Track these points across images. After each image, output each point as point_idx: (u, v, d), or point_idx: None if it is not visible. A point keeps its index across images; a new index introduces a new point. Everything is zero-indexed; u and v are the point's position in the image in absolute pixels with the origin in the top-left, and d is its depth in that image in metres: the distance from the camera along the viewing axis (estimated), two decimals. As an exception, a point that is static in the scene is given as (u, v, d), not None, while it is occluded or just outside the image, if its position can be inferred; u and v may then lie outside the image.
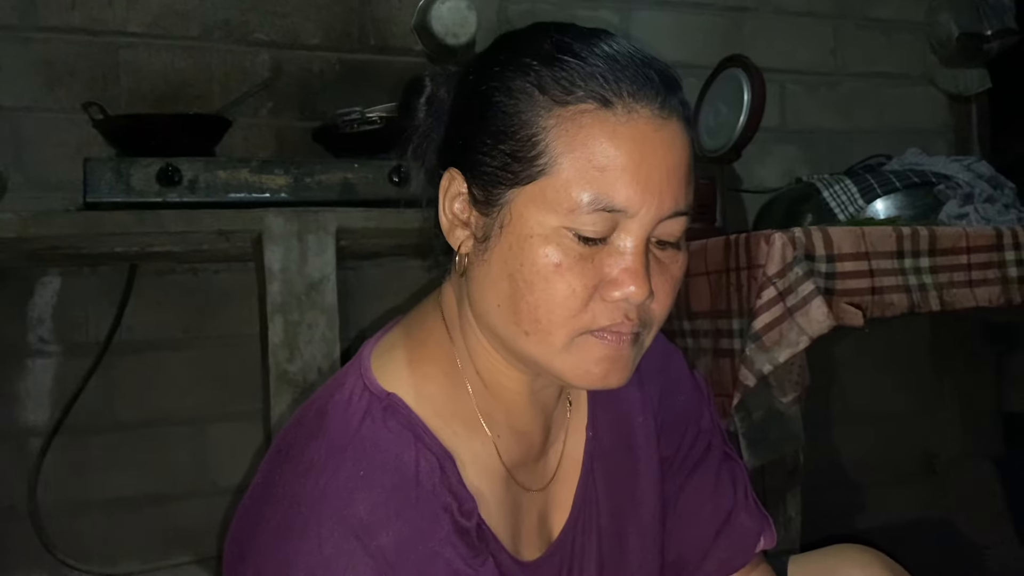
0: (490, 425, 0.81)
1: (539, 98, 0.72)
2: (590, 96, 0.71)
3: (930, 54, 2.41)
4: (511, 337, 0.75)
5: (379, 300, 1.84)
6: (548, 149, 0.71)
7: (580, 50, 0.73)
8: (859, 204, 1.67)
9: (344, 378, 0.80)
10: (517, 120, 0.72)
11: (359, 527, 0.70)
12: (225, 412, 1.78)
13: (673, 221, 0.73)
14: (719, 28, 2.21)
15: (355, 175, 1.49)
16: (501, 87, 0.74)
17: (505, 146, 0.73)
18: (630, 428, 0.91)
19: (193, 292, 1.78)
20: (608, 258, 0.72)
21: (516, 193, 0.73)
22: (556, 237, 0.71)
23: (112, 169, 1.38)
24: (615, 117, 0.71)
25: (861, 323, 1.27)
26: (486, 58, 0.79)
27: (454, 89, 0.81)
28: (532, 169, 0.72)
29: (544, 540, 0.86)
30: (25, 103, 1.67)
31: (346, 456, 0.74)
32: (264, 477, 0.78)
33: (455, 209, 0.78)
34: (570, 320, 0.72)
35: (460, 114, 0.79)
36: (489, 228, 0.75)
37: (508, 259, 0.73)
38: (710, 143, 1.81)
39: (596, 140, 0.70)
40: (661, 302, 0.75)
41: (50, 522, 1.68)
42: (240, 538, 0.76)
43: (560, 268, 0.71)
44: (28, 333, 1.68)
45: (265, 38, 1.83)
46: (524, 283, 0.72)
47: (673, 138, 0.73)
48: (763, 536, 0.94)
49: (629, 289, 0.71)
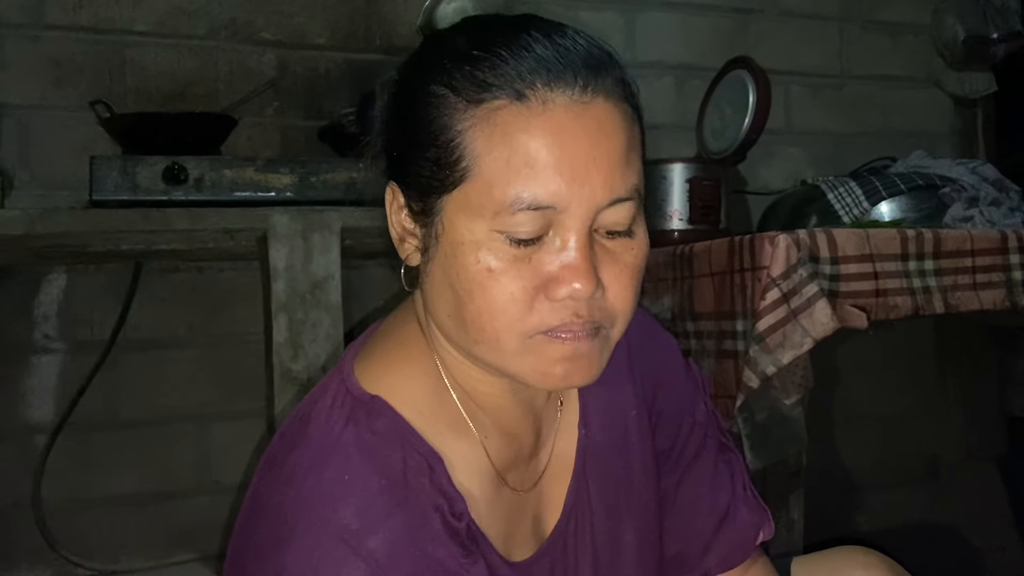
0: (477, 427, 0.79)
1: (453, 100, 0.69)
2: (503, 91, 0.67)
3: (936, 57, 2.40)
4: (465, 346, 0.74)
5: (382, 299, 1.85)
6: (467, 152, 0.68)
7: (494, 44, 0.69)
8: (864, 206, 1.67)
9: (327, 385, 0.79)
10: (436, 126, 0.70)
11: (347, 532, 0.69)
12: (229, 410, 1.79)
13: (615, 209, 0.69)
14: (724, 30, 2.21)
15: (360, 175, 1.49)
16: (419, 94, 0.72)
17: (429, 153, 0.70)
18: (624, 423, 0.89)
19: (198, 290, 1.78)
20: (547, 256, 0.69)
21: (446, 201, 0.70)
22: (487, 241, 0.68)
23: (118, 167, 1.39)
24: (529, 110, 0.67)
25: (865, 325, 1.27)
26: (410, 63, 0.76)
27: (390, 97, 0.78)
28: (455, 174, 0.69)
29: (537, 540, 0.84)
30: (32, 101, 1.68)
31: (330, 461, 0.72)
32: (253, 491, 0.77)
33: (401, 221, 0.76)
34: (516, 324, 0.69)
35: (392, 124, 0.77)
36: (428, 239, 0.73)
37: (447, 269, 0.71)
38: (715, 145, 1.81)
39: (512, 137, 0.67)
40: (617, 294, 0.71)
41: (54, 519, 1.68)
42: (235, 553, 0.75)
43: (494, 273, 0.68)
44: (34, 330, 1.69)
45: (271, 37, 1.84)
46: (464, 292, 0.70)
47: (599, 123, 0.68)
48: (762, 529, 0.93)
49: (573, 286, 0.68)
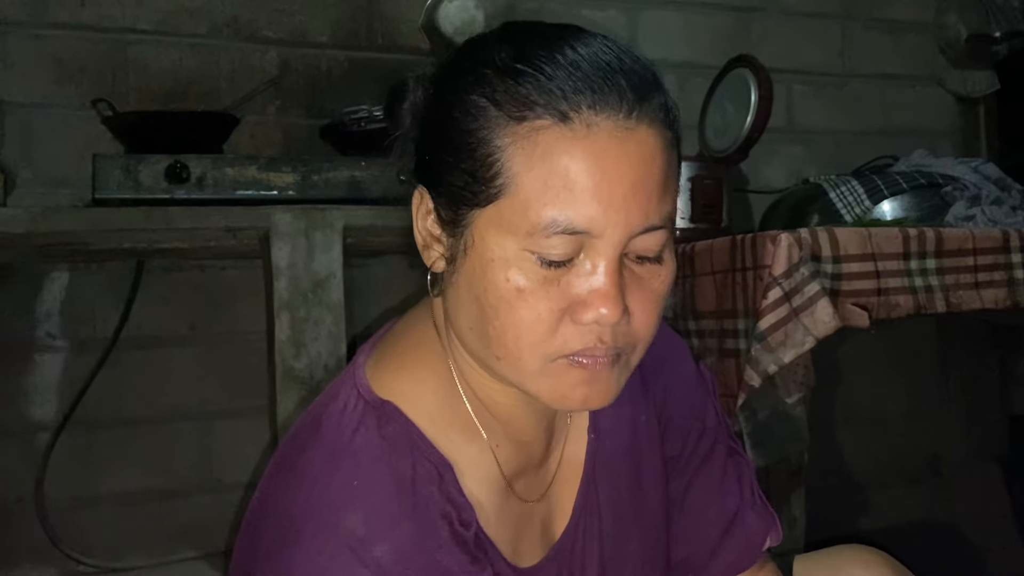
0: (488, 434, 0.79)
1: (494, 114, 0.68)
2: (546, 111, 0.66)
3: (938, 55, 2.40)
4: (486, 360, 0.73)
5: (385, 299, 1.85)
6: (505, 169, 0.67)
7: (538, 59, 0.68)
8: (866, 205, 1.67)
9: (339, 387, 0.79)
10: (474, 138, 0.68)
11: (353, 540, 0.69)
12: (231, 408, 1.79)
13: (647, 236, 0.69)
14: (727, 28, 2.20)
15: (362, 173, 1.49)
16: (458, 101, 0.70)
17: (464, 165, 0.69)
18: (633, 429, 0.90)
19: (200, 289, 1.78)
20: (576, 279, 0.68)
21: (478, 214, 0.69)
22: (517, 260, 0.67)
23: (121, 166, 1.39)
24: (572, 133, 0.66)
25: (867, 324, 1.27)
26: (450, 67, 0.75)
27: (424, 96, 0.77)
28: (490, 190, 0.68)
29: (546, 546, 0.84)
30: (35, 99, 1.68)
31: (340, 466, 0.72)
32: (262, 492, 0.76)
33: (427, 226, 0.75)
34: (539, 345, 0.69)
35: (426, 127, 0.76)
36: (456, 249, 0.72)
37: (473, 283, 0.70)
38: (717, 143, 1.81)
39: (553, 158, 0.66)
40: (641, 320, 0.71)
41: (57, 516, 1.68)
42: (241, 554, 0.75)
43: (523, 293, 0.67)
44: (36, 328, 1.69)
45: (273, 36, 1.84)
46: (490, 308, 0.69)
47: (640, 149, 0.67)
48: (770, 535, 0.93)
49: (600, 312, 0.67)
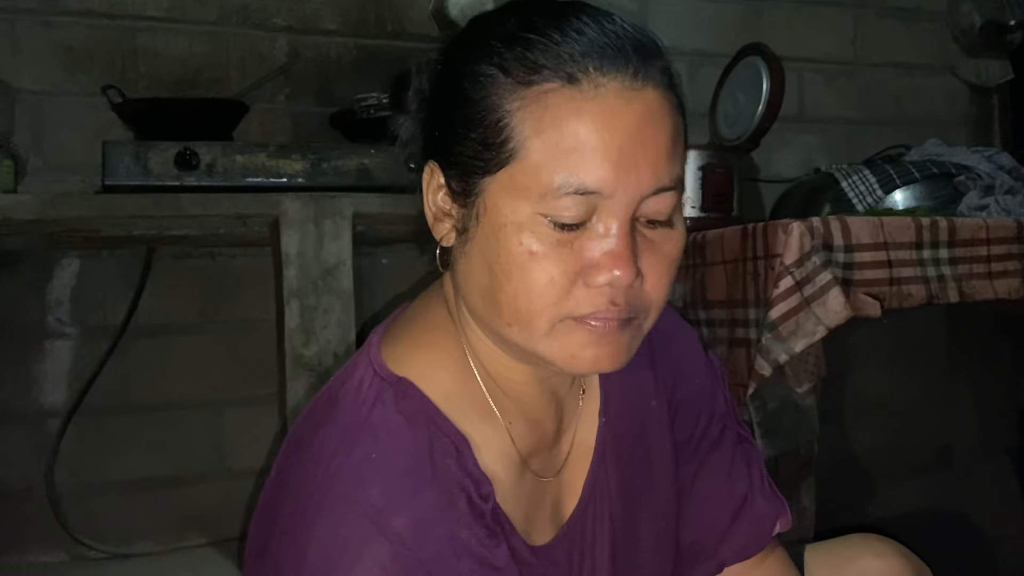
0: (502, 412, 0.80)
1: (503, 81, 0.69)
2: (555, 74, 0.67)
3: (952, 44, 2.38)
4: (497, 328, 0.74)
5: (393, 287, 1.85)
6: (515, 133, 0.68)
7: (545, 27, 0.69)
8: (878, 195, 1.66)
9: (354, 366, 0.79)
10: (483, 105, 0.70)
11: (372, 511, 0.69)
12: (241, 396, 1.79)
13: (658, 198, 0.69)
14: (738, 16, 2.19)
15: (371, 161, 1.49)
16: (468, 73, 0.71)
17: (475, 134, 0.70)
18: (644, 413, 0.90)
19: (210, 276, 1.79)
20: (589, 242, 0.69)
21: (489, 182, 0.70)
22: (530, 224, 0.68)
23: (130, 152, 1.39)
24: (581, 94, 0.67)
25: (879, 314, 1.26)
26: (456, 43, 0.76)
27: (430, 78, 0.78)
28: (501, 155, 0.69)
29: (556, 525, 0.85)
30: (45, 86, 1.68)
31: (357, 441, 0.73)
32: (278, 469, 0.77)
33: (438, 201, 0.76)
34: (551, 308, 0.69)
35: (435, 104, 0.77)
36: (468, 219, 0.73)
37: (486, 250, 0.71)
38: (728, 132, 1.80)
39: (563, 120, 0.67)
40: (654, 284, 0.72)
41: (67, 502, 1.70)
42: (259, 531, 0.76)
43: (536, 256, 0.68)
44: (47, 315, 1.70)
45: (282, 23, 1.84)
46: (502, 273, 0.70)
47: (649, 109, 0.68)
48: (779, 520, 0.93)
49: (613, 273, 0.68)
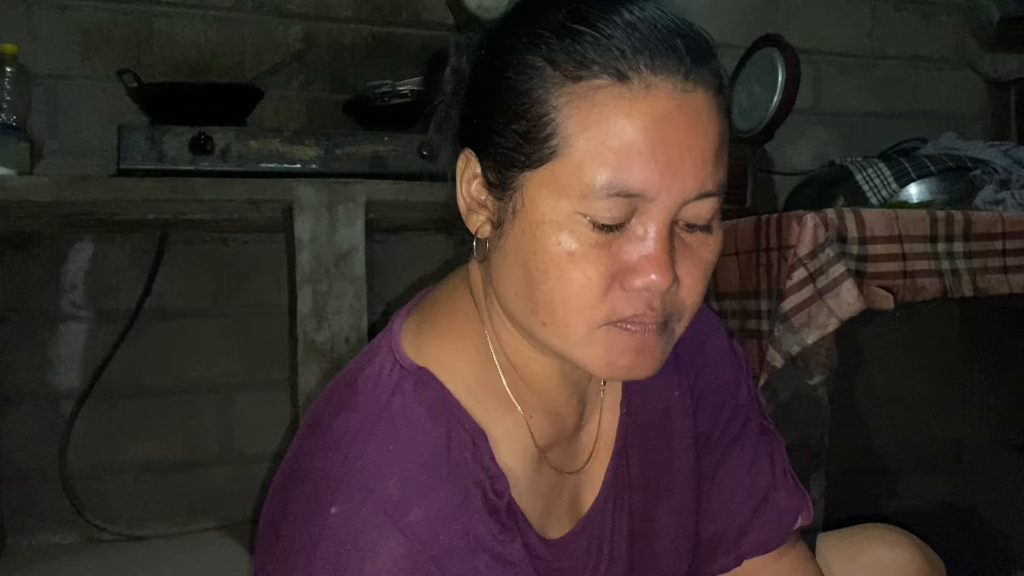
0: (522, 404, 0.78)
1: (550, 74, 0.67)
2: (604, 70, 0.65)
3: (969, 37, 2.36)
4: (530, 326, 0.72)
5: (406, 274, 1.85)
6: (560, 129, 0.66)
7: (596, 19, 0.67)
8: (892, 188, 1.65)
9: (374, 352, 0.78)
10: (528, 98, 0.67)
11: (388, 503, 0.68)
12: (252, 381, 1.80)
13: (700, 203, 0.68)
14: (754, 7, 2.18)
15: (385, 148, 1.49)
16: (512, 62, 0.69)
17: (516, 126, 0.68)
18: (666, 405, 0.89)
19: (223, 261, 1.80)
20: (627, 244, 0.67)
21: (529, 176, 0.68)
22: (570, 223, 0.66)
23: (146, 136, 1.39)
24: (631, 93, 0.65)
25: (892, 307, 1.25)
26: (500, 29, 0.73)
27: (471, 61, 0.76)
28: (544, 151, 0.67)
29: (574, 518, 0.84)
30: (61, 71, 1.69)
31: (376, 430, 0.71)
32: (294, 452, 0.76)
33: (472, 191, 0.74)
34: (587, 311, 0.68)
35: (475, 90, 0.75)
36: (504, 213, 0.71)
37: (522, 247, 0.69)
38: (743, 123, 1.79)
39: (610, 119, 0.64)
40: (690, 288, 0.70)
41: (80, 484, 1.71)
42: (272, 515, 0.75)
43: (574, 256, 0.66)
44: (61, 298, 1.71)
45: (297, 10, 1.84)
46: (538, 272, 0.68)
47: (698, 113, 0.66)
48: (801, 515, 0.92)
49: (650, 278, 0.66)
